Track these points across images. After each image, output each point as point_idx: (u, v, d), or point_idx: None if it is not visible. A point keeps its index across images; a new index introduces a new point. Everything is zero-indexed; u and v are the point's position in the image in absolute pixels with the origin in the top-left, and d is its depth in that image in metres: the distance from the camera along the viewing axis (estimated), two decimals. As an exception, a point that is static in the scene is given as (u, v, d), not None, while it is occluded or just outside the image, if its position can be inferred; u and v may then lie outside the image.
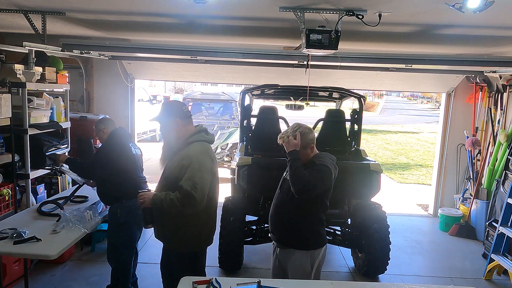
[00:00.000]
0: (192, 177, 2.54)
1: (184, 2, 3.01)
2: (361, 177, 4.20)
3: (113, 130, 3.66)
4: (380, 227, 4.30)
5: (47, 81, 4.46)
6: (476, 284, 4.41)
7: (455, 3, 2.79)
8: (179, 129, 2.74)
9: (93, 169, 3.61)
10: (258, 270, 4.58)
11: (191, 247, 2.78)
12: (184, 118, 2.76)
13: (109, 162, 3.48)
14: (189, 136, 2.73)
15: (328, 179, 2.70)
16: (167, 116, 2.77)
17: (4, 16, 4.21)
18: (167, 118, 2.76)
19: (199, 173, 2.56)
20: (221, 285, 2.34)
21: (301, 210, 2.75)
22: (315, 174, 2.64)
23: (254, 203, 4.61)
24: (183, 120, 2.75)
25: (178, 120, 2.73)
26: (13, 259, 3.85)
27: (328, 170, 2.68)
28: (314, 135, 2.82)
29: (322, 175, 2.65)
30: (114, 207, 3.52)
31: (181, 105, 2.95)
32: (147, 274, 4.29)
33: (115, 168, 3.48)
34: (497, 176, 5.62)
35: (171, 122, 2.74)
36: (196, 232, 2.76)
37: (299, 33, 3.55)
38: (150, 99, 13.38)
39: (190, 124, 2.81)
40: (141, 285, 3.97)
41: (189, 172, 2.55)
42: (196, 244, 2.81)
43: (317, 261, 2.80)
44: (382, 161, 12.41)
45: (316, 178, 2.62)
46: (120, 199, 3.49)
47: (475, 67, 5.27)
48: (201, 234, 2.80)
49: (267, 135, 5.06)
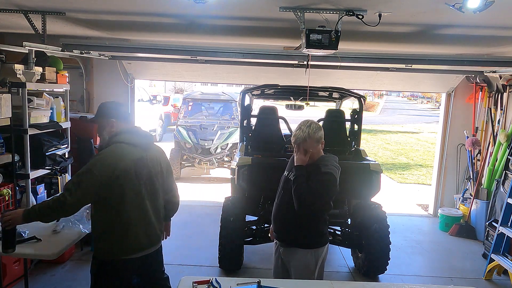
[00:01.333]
0: (72, 178, 2.47)
1: (184, 2, 3.01)
2: (361, 177, 4.20)
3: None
4: (380, 227, 4.30)
5: (47, 81, 4.46)
6: (476, 284, 4.41)
7: (455, 3, 2.79)
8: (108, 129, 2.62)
9: None
10: (258, 270, 4.58)
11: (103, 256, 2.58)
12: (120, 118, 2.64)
13: None
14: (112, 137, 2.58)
15: (332, 189, 2.69)
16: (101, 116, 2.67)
17: (4, 16, 4.21)
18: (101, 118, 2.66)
19: (81, 175, 2.41)
20: (221, 285, 2.34)
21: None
22: (319, 188, 2.63)
23: (254, 203, 4.62)
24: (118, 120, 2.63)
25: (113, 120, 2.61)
26: (13, 259, 3.85)
27: (333, 178, 2.67)
28: (323, 132, 2.83)
29: (324, 190, 2.65)
30: None
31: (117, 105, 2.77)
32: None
33: None
34: (497, 176, 5.62)
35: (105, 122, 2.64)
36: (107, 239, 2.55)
37: (299, 33, 3.55)
38: (150, 99, 13.38)
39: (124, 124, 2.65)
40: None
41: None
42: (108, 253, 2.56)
43: (321, 260, 2.81)
44: (382, 161, 12.40)
45: (316, 195, 2.63)
46: None
47: (475, 67, 5.27)
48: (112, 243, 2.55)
49: (267, 135, 5.07)
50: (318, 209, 2.75)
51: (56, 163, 4.55)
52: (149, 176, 2.61)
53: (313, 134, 2.69)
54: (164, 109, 15.94)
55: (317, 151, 2.76)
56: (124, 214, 2.50)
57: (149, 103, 13.10)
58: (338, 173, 2.75)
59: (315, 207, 2.70)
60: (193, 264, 4.66)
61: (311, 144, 2.69)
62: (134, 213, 2.53)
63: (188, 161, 8.92)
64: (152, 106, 13.49)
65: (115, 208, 2.49)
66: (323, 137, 2.78)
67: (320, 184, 2.64)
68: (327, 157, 2.81)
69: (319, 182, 2.65)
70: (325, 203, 2.73)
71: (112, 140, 2.55)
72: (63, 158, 4.74)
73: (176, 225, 4.95)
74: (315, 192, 2.63)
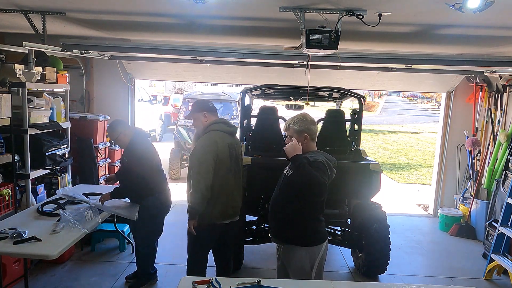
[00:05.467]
0: (193, 165, 3.23)
1: (184, 2, 3.01)
2: (361, 177, 4.20)
3: (135, 130, 3.99)
4: (380, 227, 4.30)
5: (47, 81, 4.46)
6: (476, 284, 4.41)
7: (455, 3, 2.79)
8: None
9: (128, 173, 3.81)
10: (258, 270, 4.57)
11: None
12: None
13: (146, 159, 3.78)
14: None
15: (325, 172, 2.63)
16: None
17: (4, 16, 4.21)
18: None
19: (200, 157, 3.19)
20: (221, 285, 2.34)
21: (293, 205, 2.76)
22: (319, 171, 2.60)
23: (254, 203, 4.61)
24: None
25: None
26: (13, 259, 3.85)
27: (323, 165, 2.63)
28: (315, 128, 2.82)
29: (318, 172, 2.59)
30: (148, 200, 3.80)
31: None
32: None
33: (152, 165, 3.83)
34: (497, 176, 5.61)
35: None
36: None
37: (299, 33, 3.55)
38: (150, 99, 13.37)
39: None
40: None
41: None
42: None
43: (318, 260, 2.78)
44: (382, 161, 12.40)
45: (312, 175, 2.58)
46: (154, 193, 3.83)
47: (475, 67, 5.28)
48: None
49: (267, 135, 5.06)
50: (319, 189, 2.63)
51: (56, 163, 4.55)
52: (236, 158, 3.36)
53: (293, 124, 2.78)
54: (164, 109, 15.94)
55: (305, 146, 2.74)
56: (215, 188, 3.17)
57: (149, 103, 13.10)
58: (328, 167, 2.67)
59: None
60: (193, 264, 4.66)
61: (292, 132, 2.78)
62: (224, 187, 3.23)
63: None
64: (152, 106, 13.48)
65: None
66: (308, 132, 2.75)
67: (316, 169, 2.60)
68: (316, 151, 2.79)
69: (314, 168, 2.60)
70: (322, 183, 2.60)
71: (209, 128, 3.29)
72: (63, 158, 4.74)
73: (176, 225, 4.94)
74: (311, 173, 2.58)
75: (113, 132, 3.87)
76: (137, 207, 3.79)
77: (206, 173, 3.13)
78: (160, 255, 4.52)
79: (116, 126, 3.88)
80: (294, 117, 2.84)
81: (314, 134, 2.82)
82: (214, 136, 3.25)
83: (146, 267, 4.11)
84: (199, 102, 3.52)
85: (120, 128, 3.85)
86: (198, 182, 3.13)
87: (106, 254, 4.85)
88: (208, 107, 3.41)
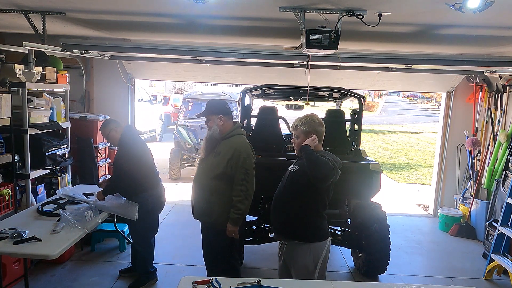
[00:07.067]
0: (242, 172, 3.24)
1: (184, 2, 3.01)
2: (361, 177, 4.20)
3: (125, 127, 3.99)
4: (380, 227, 4.30)
5: (47, 81, 4.47)
6: (476, 284, 4.41)
7: (455, 3, 2.79)
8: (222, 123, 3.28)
9: (117, 168, 3.85)
10: (258, 270, 4.57)
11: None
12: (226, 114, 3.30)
13: (135, 155, 3.77)
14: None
15: (331, 165, 2.65)
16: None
17: (4, 16, 4.21)
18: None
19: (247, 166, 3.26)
20: (221, 285, 2.34)
21: (297, 201, 2.77)
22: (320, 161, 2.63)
23: (254, 203, 4.60)
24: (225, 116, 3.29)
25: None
26: (13, 259, 3.85)
27: (328, 160, 2.66)
28: (323, 130, 2.85)
29: (327, 159, 2.64)
30: (141, 197, 3.82)
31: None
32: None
33: (141, 160, 3.81)
34: (497, 176, 5.61)
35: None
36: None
37: (299, 33, 3.55)
38: (150, 99, 13.37)
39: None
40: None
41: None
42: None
43: (321, 258, 2.79)
44: (382, 161, 12.40)
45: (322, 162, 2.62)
46: (147, 189, 3.84)
47: (475, 67, 5.27)
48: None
49: (267, 135, 5.06)
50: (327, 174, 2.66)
51: (56, 163, 4.55)
52: (254, 161, 3.33)
53: (301, 125, 2.79)
54: (164, 109, 15.95)
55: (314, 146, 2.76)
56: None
57: (149, 103, 13.10)
58: (334, 167, 2.68)
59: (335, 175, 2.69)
60: (193, 264, 4.66)
61: (299, 133, 2.80)
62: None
63: (188, 161, 8.91)
64: (152, 106, 13.48)
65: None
66: (316, 134, 2.76)
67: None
68: (323, 152, 2.81)
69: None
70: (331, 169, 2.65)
71: (235, 131, 3.29)
72: (63, 158, 4.74)
73: (176, 225, 4.96)
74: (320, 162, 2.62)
75: (104, 129, 3.93)
76: (136, 207, 3.79)
77: (252, 179, 3.20)
78: (160, 255, 4.53)
79: (107, 123, 3.97)
80: (302, 118, 2.83)
81: (321, 136, 2.82)
82: (246, 140, 3.30)
83: (145, 266, 4.12)
84: (215, 104, 3.39)
85: (111, 125, 3.92)
86: (247, 189, 3.17)
87: (106, 254, 4.85)
88: (225, 110, 3.31)
